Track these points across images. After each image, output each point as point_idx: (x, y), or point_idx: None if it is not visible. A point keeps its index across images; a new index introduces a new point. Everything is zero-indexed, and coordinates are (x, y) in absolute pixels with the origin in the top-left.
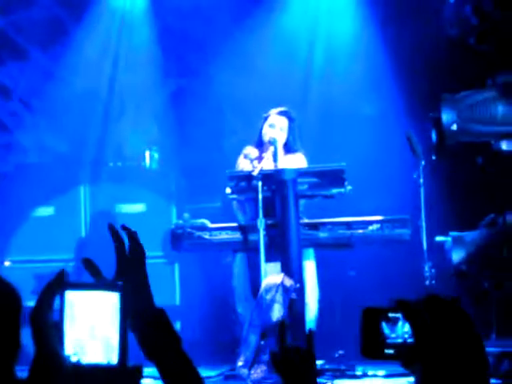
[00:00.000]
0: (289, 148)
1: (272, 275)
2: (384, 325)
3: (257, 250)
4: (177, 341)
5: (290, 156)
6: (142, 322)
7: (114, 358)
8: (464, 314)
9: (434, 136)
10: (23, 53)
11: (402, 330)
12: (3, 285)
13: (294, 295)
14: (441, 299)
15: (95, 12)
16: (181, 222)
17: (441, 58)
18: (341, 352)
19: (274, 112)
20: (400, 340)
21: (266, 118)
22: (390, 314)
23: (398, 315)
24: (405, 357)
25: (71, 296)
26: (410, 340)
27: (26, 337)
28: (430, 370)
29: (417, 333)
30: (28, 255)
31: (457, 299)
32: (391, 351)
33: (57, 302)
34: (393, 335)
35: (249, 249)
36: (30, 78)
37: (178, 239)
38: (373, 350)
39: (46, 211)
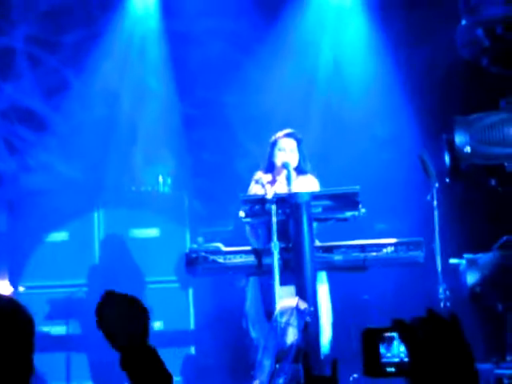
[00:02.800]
0: (299, 170)
1: (286, 299)
2: (380, 345)
3: (271, 273)
4: (168, 380)
5: (301, 178)
6: (135, 361)
7: None
8: (459, 333)
9: (447, 158)
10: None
11: (398, 350)
12: (18, 309)
13: (308, 319)
14: (437, 317)
15: (109, 39)
16: (195, 246)
17: (453, 79)
18: (355, 376)
19: (280, 135)
20: (396, 359)
21: (274, 142)
22: (386, 334)
23: (394, 335)
24: (406, 374)
25: None
26: (406, 359)
27: (40, 362)
28: None
29: (410, 351)
30: (42, 281)
31: (454, 317)
32: (392, 369)
33: None
34: (388, 354)
35: (263, 272)
36: (43, 104)
37: (192, 263)
38: (374, 368)
39: (59, 236)
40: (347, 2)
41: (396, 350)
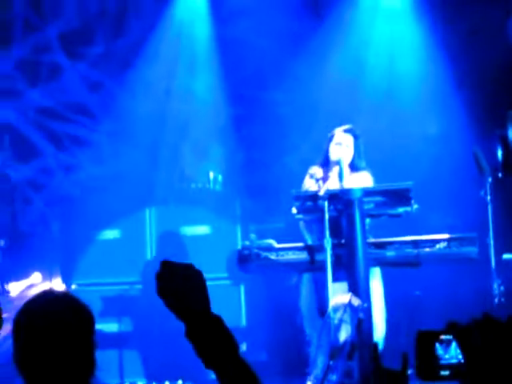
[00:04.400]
0: (354, 166)
1: (339, 295)
2: (438, 346)
3: (323, 269)
4: (234, 347)
5: (356, 174)
6: (199, 330)
7: None
8: None
9: (500, 153)
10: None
11: (457, 351)
12: (80, 306)
13: (361, 315)
14: (494, 321)
15: (158, 39)
16: (247, 242)
17: (506, 74)
18: (408, 372)
19: (339, 130)
20: (454, 360)
21: (331, 137)
22: (444, 337)
23: (451, 337)
24: (462, 377)
25: None
26: (463, 361)
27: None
28: None
29: (466, 354)
30: (94, 278)
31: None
32: (447, 372)
33: None
34: (447, 356)
35: (315, 269)
36: (94, 102)
37: (244, 260)
38: (428, 372)
39: (111, 234)
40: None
41: (454, 352)
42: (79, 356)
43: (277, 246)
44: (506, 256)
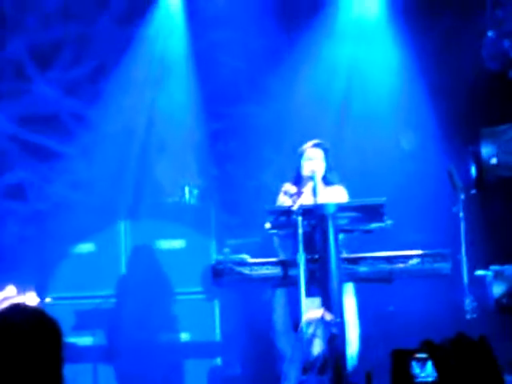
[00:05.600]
0: (327, 180)
1: (312, 310)
2: (414, 364)
3: (297, 284)
4: None
5: (330, 189)
6: None
7: None
8: (489, 355)
9: (473, 170)
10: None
11: (433, 370)
12: (47, 320)
13: (334, 330)
14: (467, 340)
15: (135, 54)
16: (221, 257)
17: (480, 91)
18: None
19: (308, 146)
20: (431, 379)
21: (301, 154)
22: (419, 355)
23: (427, 356)
24: None
25: None
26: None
27: (67, 373)
28: None
29: (440, 372)
30: (68, 292)
31: (484, 339)
32: None
33: None
34: (423, 374)
35: (289, 284)
36: (67, 117)
37: (218, 275)
38: None
39: (86, 248)
40: (371, 13)
41: (430, 370)
42: (46, 370)
43: (250, 260)
44: (478, 272)
